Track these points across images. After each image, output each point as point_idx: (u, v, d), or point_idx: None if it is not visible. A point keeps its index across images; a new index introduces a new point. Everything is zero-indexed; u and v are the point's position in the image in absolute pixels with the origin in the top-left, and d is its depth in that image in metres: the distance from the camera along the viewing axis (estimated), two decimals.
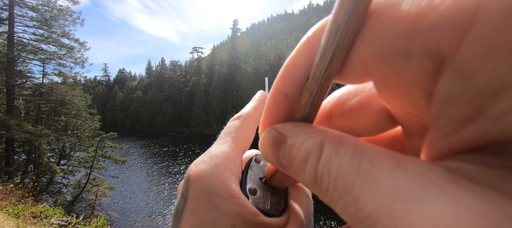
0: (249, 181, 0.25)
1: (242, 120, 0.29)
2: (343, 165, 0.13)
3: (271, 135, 0.19)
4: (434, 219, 0.10)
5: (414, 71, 0.12)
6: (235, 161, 0.26)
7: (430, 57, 0.11)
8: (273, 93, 0.20)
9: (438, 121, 0.13)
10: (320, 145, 0.15)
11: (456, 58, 0.10)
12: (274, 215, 0.23)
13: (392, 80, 0.14)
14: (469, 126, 0.11)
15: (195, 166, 0.24)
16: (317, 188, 0.15)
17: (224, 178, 0.23)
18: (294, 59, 0.19)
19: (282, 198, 0.26)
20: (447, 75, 0.11)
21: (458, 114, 0.11)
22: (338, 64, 0.15)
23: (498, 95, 0.10)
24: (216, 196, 0.22)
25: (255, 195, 0.24)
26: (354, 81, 0.17)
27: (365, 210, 0.11)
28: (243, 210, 0.22)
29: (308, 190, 0.29)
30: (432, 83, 0.12)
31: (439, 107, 0.12)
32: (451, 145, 0.12)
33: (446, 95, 0.11)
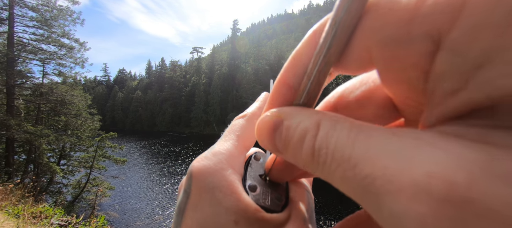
0: (248, 178, 0.25)
1: (247, 119, 0.29)
2: (341, 138, 0.14)
3: (267, 119, 0.19)
4: (428, 169, 0.10)
5: (414, 54, 0.14)
6: (238, 159, 0.26)
7: (431, 39, 0.13)
8: (277, 84, 0.21)
9: (434, 93, 0.14)
10: (316, 124, 0.16)
11: (450, 37, 0.12)
12: (275, 211, 0.23)
13: (394, 65, 0.15)
14: (459, 95, 0.12)
15: (197, 162, 0.24)
16: (314, 164, 0.15)
17: (227, 174, 0.23)
18: (299, 52, 0.20)
19: (283, 193, 0.26)
20: (442, 53, 0.13)
21: (449, 86, 0.13)
22: (338, 49, 0.16)
23: (483, 66, 0.11)
24: (219, 192, 0.22)
25: (255, 191, 0.24)
26: (356, 69, 0.18)
27: (362, 173, 0.12)
28: (245, 207, 0.22)
29: (308, 184, 0.29)
30: (430, 63, 0.14)
31: (434, 82, 0.14)
32: (443, 113, 0.13)
33: (441, 71, 0.13)
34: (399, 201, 0.10)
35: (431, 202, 0.10)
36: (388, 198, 0.11)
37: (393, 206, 0.11)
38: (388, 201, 0.11)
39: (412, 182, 0.10)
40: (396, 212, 0.11)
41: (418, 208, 0.10)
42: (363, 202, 0.12)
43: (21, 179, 12.28)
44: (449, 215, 0.09)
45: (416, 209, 0.10)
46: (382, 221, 0.12)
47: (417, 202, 0.10)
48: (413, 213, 0.10)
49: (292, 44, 64.45)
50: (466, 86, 0.12)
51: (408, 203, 0.10)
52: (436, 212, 0.10)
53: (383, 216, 0.11)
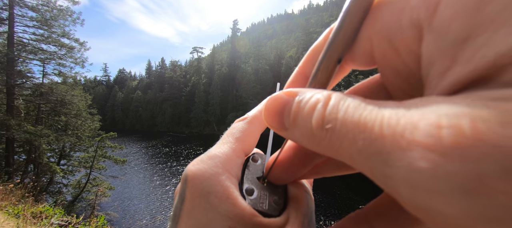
0: (246, 181, 0.25)
1: (247, 122, 0.28)
2: (352, 104, 0.14)
3: (279, 95, 0.19)
4: (437, 120, 0.11)
5: (407, 40, 0.15)
6: (235, 162, 0.25)
7: (414, 26, 0.15)
8: (295, 74, 0.22)
9: (428, 78, 0.15)
10: (328, 96, 0.16)
11: (433, 23, 0.14)
12: (272, 215, 0.23)
13: (391, 55, 0.17)
14: (448, 74, 0.13)
15: (193, 166, 0.23)
16: (322, 133, 0.15)
17: (223, 179, 0.22)
18: (317, 45, 0.21)
19: (281, 196, 0.25)
20: (427, 38, 0.14)
21: (440, 66, 0.14)
22: (345, 37, 0.18)
23: (465, 43, 0.12)
24: (214, 197, 0.21)
25: (252, 195, 0.23)
26: (362, 62, 0.19)
27: (372, 134, 0.12)
28: (241, 212, 0.21)
29: (308, 186, 0.29)
30: (419, 49, 0.15)
31: (427, 66, 0.15)
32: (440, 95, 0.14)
33: (428, 55, 0.14)
34: (410, 155, 0.11)
35: (442, 150, 0.10)
36: (398, 154, 0.11)
37: (404, 161, 0.11)
38: (399, 157, 0.11)
39: (423, 133, 0.10)
40: (407, 166, 0.11)
41: (430, 157, 0.10)
42: (372, 167, 0.12)
43: (21, 179, 12.26)
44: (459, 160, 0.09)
45: (427, 159, 0.10)
46: (392, 181, 0.11)
47: (428, 152, 0.10)
48: (424, 164, 0.10)
49: (292, 44, 64.37)
50: (454, 64, 0.13)
51: (419, 155, 0.10)
52: (447, 159, 0.10)
53: (393, 176, 0.11)
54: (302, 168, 0.25)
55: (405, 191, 0.11)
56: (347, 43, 0.18)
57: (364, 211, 0.24)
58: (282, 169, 0.25)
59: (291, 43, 66.62)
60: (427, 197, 0.10)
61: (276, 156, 0.25)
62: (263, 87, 41.92)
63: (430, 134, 0.10)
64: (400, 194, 0.11)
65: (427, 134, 0.10)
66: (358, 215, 0.24)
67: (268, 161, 0.26)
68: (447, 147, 0.10)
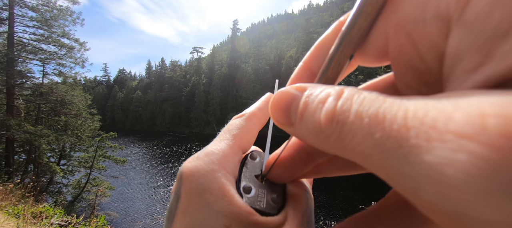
0: (243, 179, 0.24)
1: (245, 118, 0.27)
2: (368, 97, 0.13)
3: (287, 90, 0.18)
4: (480, 108, 0.09)
5: (428, 35, 0.14)
6: (232, 159, 0.24)
7: (441, 19, 0.13)
8: (300, 69, 0.21)
9: (451, 76, 0.13)
10: (340, 89, 0.15)
11: (464, 16, 0.12)
12: (270, 213, 0.22)
13: (408, 50, 0.15)
14: (480, 70, 0.12)
15: (188, 163, 0.23)
16: (332, 128, 0.13)
17: (219, 176, 0.22)
18: (324, 39, 0.20)
19: (280, 195, 0.25)
20: (456, 32, 0.13)
21: (470, 63, 0.12)
22: (359, 32, 0.17)
23: (504, 37, 0.11)
24: (209, 195, 0.21)
25: (249, 193, 0.23)
26: (374, 58, 0.18)
27: (393, 125, 0.10)
28: (238, 210, 0.21)
29: (308, 185, 0.28)
30: (444, 43, 0.13)
31: (451, 63, 0.13)
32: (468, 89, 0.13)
33: (457, 50, 0.13)
34: (442, 147, 0.09)
35: (489, 140, 0.08)
36: (426, 146, 0.09)
37: (433, 154, 0.09)
38: (426, 150, 0.09)
39: (462, 123, 0.09)
40: (437, 160, 0.09)
41: (472, 149, 0.08)
42: (388, 165, 0.10)
43: (21, 179, 12.26)
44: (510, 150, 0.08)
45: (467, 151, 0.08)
46: (412, 181, 0.10)
47: (469, 142, 0.08)
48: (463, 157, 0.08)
49: (292, 44, 64.36)
50: (488, 60, 0.11)
51: (456, 146, 0.09)
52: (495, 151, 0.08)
53: (414, 174, 0.09)
54: (304, 167, 0.24)
55: (430, 192, 0.09)
56: (361, 38, 0.17)
57: (365, 213, 0.23)
58: (283, 168, 0.25)
59: (291, 43, 66.63)
60: (459, 199, 0.08)
61: (277, 154, 0.25)
62: (263, 87, 41.90)
63: (471, 123, 0.09)
64: (422, 197, 0.09)
65: (467, 123, 0.09)
66: (360, 217, 0.23)
67: (269, 159, 0.26)
68: (495, 137, 0.08)
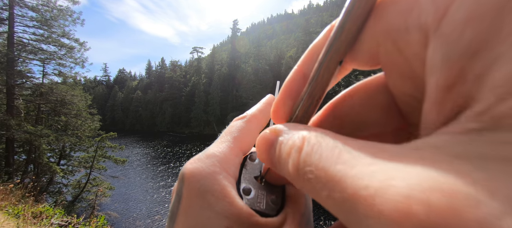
0: (243, 180, 0.25)
1: (245, 120, 0.28)
2: (324, 155, 0.13)
3: (265, 136, 0.19)
4: (408, 190, 0.10)
5: (412, 43, 0.14)
6: (233, 161, 0.25)
7: (421, 29, 0.13)
8: (294, 73, 0.22)
9: (428, 88, 0.14)
10: (302, 138, 0.15)
11: (440, 28, 0.12)
12: (269, 215, 0.23)
13: (396, 57, 0.16)
14: (454, 90, 0.12)
15: (190, 164, 0.23)
16: (300, 180, 0.15)
17: (220, 178, 0.22)
18: (316, 44, 0.20)
19: (279, 196, 0.25)
20: (432, 44, 0.13)
21: (444, 79, 0.12)
22: (348, 37, 0.17)
23: (476, 56, 0.11)
24: (211, 196, 0.21)
25: (249, 195, 0.23)
26: (366, 62, 0.18)
27: (344, 194, 0.11)
28: (238, 211, 0.21)
29: None
30: (425, 53, 0.14)
31: (429, 74, 0.13)
32: (443, 112, 0.13)
33: (432, 62, 0.13)
34: (377, 225, 0.10)
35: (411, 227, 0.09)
36: (369, 222, 0.10)
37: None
38: (370, 224, 0.10)
39: (393, 205, 0.10)
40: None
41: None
42: (346, 220, 0.12)
43: (21, 179, 12.27)
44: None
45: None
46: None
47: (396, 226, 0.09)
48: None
49: (292, 44, 64.33)
50: (461, 80, 0.11)
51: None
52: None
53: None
54: None
55: None
56: (350, 44, 0.17)
57: None
58: None
59: (291, 43, 66.62)
60: None
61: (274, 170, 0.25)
62: (263, 87, 41.90)
63: (398, 207, 0.09)
64: None
65: (396, 206, 0.09)
66: None
67: None
68: (417, 225, 0.09)
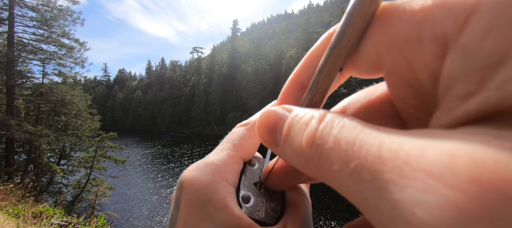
0: (242, 187, 0.24)
1: (248, 127, 0.27)
2: (347, 124, 0.13)
3: (274, 109, 0.18)
4: (451, 150, 0.09)
5: (424, 55, 0.14)
6: (233, 169, 0.24)
7: (437, 40, 0.13)
8: (290, 82, 0.21)
9: (444, 99, 0.13)
10: (323, 113, 0.15)
11: (460, 39, 0.12)
12: (269, 224, 0.22)
13: (403, 68, 0.15)
14: (473, 99, 0.12)
15: (188, 172, 0.23)
16: (312, 151, 0.14)
17: (219, 187, 0.22)
18: (314, 51, 0.20)
19: (278, 203, 0.25)
20: (452, 55, 0.12)
21: (463, 89, 0.12)
22: (349, 44, 0.16)
23: (499, 66, 0.11)
24: (211, 207, 0.21)
25: (248, 203, 0.23)
26: (366, 70, 0.18)
27: (368, 157, 0.11)
28: (238, 222, 0.21)
29: (305, 188, 0.28)
30: (439, 65, 0.13)
31: (445, 86, 0.13)
32: (455, 118, 0.12)
33: (451, 73, 0.13)
34: (413, 186, 0.09)
35: (457, 183, 0.08)
36: (399, 183, 0.09)
37: (404, 192, 0.09)
38: (398, 187, 0.09)
39: (432, 161, 0.09)
40: (408, 199, 0.09)
41: (440, 191, 0.08)
42: (363, 197, 0.11)
43: (21, 179, 12.27)
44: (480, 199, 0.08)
45: (436, 192, 0.08)
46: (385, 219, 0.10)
47: (438, 184, 0.08)
48: (431, 198, 0.08)
49: (292, 44, 64.33)
50: (481, 89, 0.11)
51: (426, 186, 0.09)
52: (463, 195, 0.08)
53: (386, 211, 0.09)
54: (300, 176, 0.24)
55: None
56: (351, 51, 0.17)
57: (359, 222, 0.23)
58: (279, 177, 0.24)
59: (291, 43, 66.61)
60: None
61: (273, 164, 0.25)
62: (263, 87, 41.91)
63: (441, 162, 0.09)
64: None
65: (437, 162, 0.09)
66: (357, 224, 0.23)
67: (265, 169, 0.26)
68: (463, 181, 0.08)
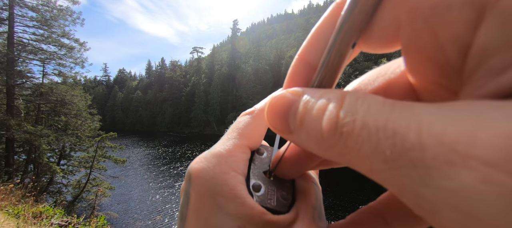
0: (252, 176, 0.24)
1: (253, 116, 0.26)
2: (373, 104, 0.12)
3: (282, 95, 0.17)
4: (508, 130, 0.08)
5: (453, 25, 0.12)
6: (240, 158, 0.24)
7: (472, 5, 0.11)
8: (296, 62, 0.20)
9: (474, 75, 0.12)
10: (342, 96, 0.14)
11: (500, 4, 0.10)
12: (281, 211, 0.22)
13: (426, 39, 0.13)
14: (510, 72, 0.10)
15: (196, 164, 0.23)
16: (336, 137, 0.13)
17: (228, 177, 0.22)
18: (321, 26, 0.18)
19: (289, 191, 0.24)
20: (488, 23, 0.11)
21: (500, 61, 0.11)
22: (362, 15, 0.15)
23: None
24: (221, 197, 0.21)
25: (259, 192, 0.23)
26: (380, 44, 0.16)
27: (406, 143, 0.10)
28: (250, 211, 0.20)
29: (315, 175, 0.28)
30: (471, 36, 0.12)
31: (478, 59, 0.12)
32: (488, 94, 0.11)
33: (487, 44, 0.11)
34: (465, 174, 0.08)
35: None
36: (446, 171, 0.08)
37: (455, 180, 0.08)
38: (446, 175, 0.08)
39: (487, 146, 0.08)
40: (460, 188, 0.08)
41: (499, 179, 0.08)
42: (401, 183, 0.10)
43: (21, 179, 12.27)
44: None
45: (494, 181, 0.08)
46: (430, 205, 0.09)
47: (496, 172, 0.08)
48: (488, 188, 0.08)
49: (292, 44, 64.26)
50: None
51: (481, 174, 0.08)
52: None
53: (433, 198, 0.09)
54: (310, 162, 0.23)
55: (452, 219, 0.09)
56: (365, 22, 0.15)
57: (377, 204, 0.22)
58: (289, 165, 0.24)
59: (291, 43, 66.57)
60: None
61: (282, 152, 0.24)
62: (263, 87, 41.90)
63: (498, 147, 0.08)
64: (441, 222, 0.09)
65: (494, 147, 0.08)
66: (372, 208, 0.23)
67: (274, 157, 0.25)
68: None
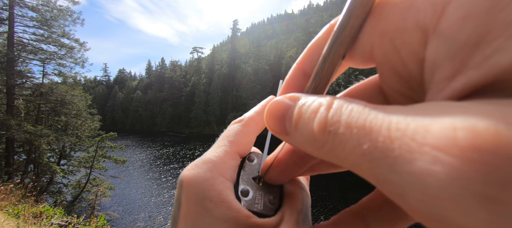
0: (241, 182, 0.25)
1: (243, 124, 0.28)
2: (355, 108, 0.14)
3: (281, 99, 0.19)
4: (452, 123, 0.10)
5: (409, 43, 0.15)
6: (230, 165, 0.25)
7: (420, 28, 0.14)
8: (294, 70, 0.23)
9: (431, 83, 0.15)
10: (331, 101, 0.16)
11: (439, 26, 0.13)
12: (267, 215, 0.23)
13: (392, 55, 0.16)
14: (457, 78, 0.13)
15: (187, 171, 0.24)
16: (324, 136, 0.15)
17: (217, 183, 0.23)
18: (317, 41, 0.21)
19: (277, 195, 0.25)
20: (432, 42, 0.14)
21: (447, 70, 0.13)
22: (351, 32, 0.18)
23: (476, 47, 0.12)
24: (209, 202, 0.22)
25: (247, 196, 0.24)
26: (361, 61, 0.19)
27: (379, 137, 0.12)
28: (236, 214, 0.21)
29: (305, 181, 0.29)
30: (423, 51, 0.15)
31: (431, 70, 0.14)
32: (444, 99, 0.14)
33: (434, 58, 0.14)
34: (421, 158, 0.10)
35: (459, 152, 0.09)
36: (408, 157, 0.10)
37: (414, 165, 0.10)
38: (408, 161, 0.10)
39: (437, 135, 0.10)
40: (417, 171, 0.10)
41: (445, 160, 0.09)
42: (377, 173, 0.12)
43: (21, 179, 12.27)
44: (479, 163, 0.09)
45: (442, 162, 0.09)
46: (398, 188, 0.11)
47: (443, 155, 0.09)
48: (438, 168, 0.09)
49: (292, 44, 64.31)
50: (462, 69, 0.13)
51: (432, 158, 0.10)
52: (465, 162, 0.09)
53: (400, 182, 0.11)
54: (299, 169, 0.25)
55: (414, 199, 0.10)
56: (353, 38, 0.18)
57: (358, 206, 0.24)
58: (278, 171, 0.25)
59: (291, 43, 66.58)
60: (439, 206, 0.09)
61: (272, 159, 0.25)
62: (263, 87, 41.90)
63: (444, 135, 0.10)
64: (408, 203, 0.10)
65: (442, 135, 0.10)
66: (353, 210, 0.24)
67: (265, 162, 0.26)
68: (464, 150, 0.09)
